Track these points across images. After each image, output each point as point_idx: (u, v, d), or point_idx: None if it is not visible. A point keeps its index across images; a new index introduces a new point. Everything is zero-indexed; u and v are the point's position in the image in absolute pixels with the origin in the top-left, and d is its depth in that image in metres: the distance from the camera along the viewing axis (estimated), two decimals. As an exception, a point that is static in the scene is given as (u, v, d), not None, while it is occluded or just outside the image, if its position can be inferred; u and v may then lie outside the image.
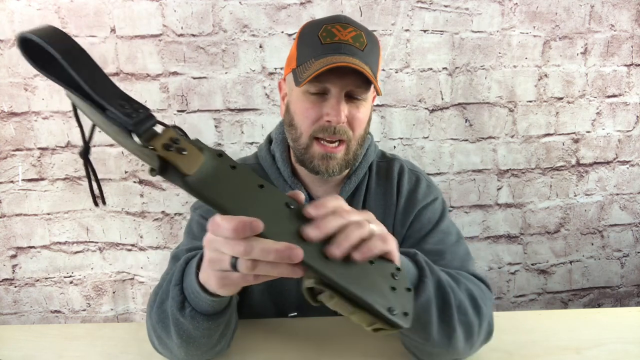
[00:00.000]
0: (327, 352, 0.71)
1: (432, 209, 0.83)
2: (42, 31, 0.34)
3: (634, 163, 1.76)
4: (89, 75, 0.35)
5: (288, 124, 0.78)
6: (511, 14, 1.58)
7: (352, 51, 0.70)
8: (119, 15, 1.46)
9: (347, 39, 0.71)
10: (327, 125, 0.72)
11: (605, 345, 0.72)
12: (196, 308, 0.54)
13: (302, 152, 0.76)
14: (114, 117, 0.35)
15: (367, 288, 0.40)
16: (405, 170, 0.86)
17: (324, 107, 0.72)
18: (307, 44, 0.73)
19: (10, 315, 1.69)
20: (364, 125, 0.76)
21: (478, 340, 0.65)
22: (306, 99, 0.73)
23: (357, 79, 0.70)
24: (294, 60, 0.75)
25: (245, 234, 0.37)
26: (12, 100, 1.50)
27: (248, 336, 0.74)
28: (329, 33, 0.72)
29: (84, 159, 0.41)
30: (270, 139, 0.87)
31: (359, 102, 0.73)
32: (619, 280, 1.87)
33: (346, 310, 0.40)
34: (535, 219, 1.76)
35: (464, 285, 0.65)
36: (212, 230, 0.39)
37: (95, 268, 1.66)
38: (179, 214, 1.62)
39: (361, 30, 0.74)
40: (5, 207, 1.59)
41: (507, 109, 1.65)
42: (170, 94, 1.53)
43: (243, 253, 0.38)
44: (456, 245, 0.78)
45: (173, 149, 0.37)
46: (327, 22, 0.74)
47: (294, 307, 0.82)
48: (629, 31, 1.64)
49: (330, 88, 0.71)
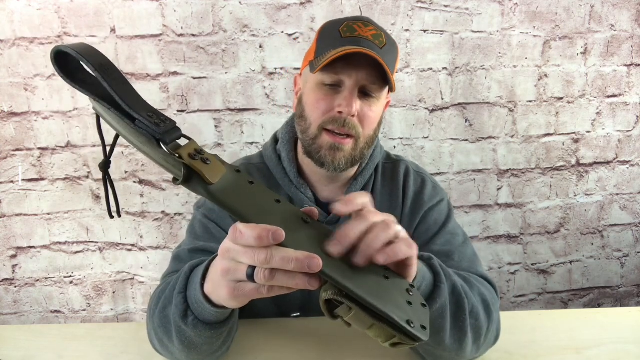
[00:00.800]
0: (328, 352, 0.71)
1: (439, 210, 0.83)
2: (77, 46, 0.37)
3: (634, 163, 1.76)
4: (120, 87, 0.37)
5: (299, 115, 0.78)
6: (511, 14, 1.58)
7: (370, 46, 0.70)
8: (119, 15, 1.46)
9: (367, 35, 0.71)
10: (337, 116, 0.72)
11: (605, 345, 0.72)
12: (199, 317, 0.54)
13: (310, 143, 0.76)
14: (143, 126, 0.37)
15: (386, 300, 0.39)
16: (411, 172, 0.86)
17: (337, 99, 0.72)
18: (327, 38, 0.74)
19: (10, 315, 1.69)
20: (374, 126, 0.76)
21: (485, 343, 0.65)
22: (319, 90, 0.73)
23: (373, 74, 0.70)
24: (312, 53, 0.76)
25: (268, 242, 0.37)
26: (12, 100, 1.50)
27: (249, 336, 0.74)
28: (349, 28, 0.72)
29: (104, 172, 0.43)
30: (277, 138, 0.86)
31: (372, 100, 0.73)
32: (619, 280, 1.87)
33: (364, 324, 0.39)
34: (535, 219, 1.76)
35: (477, 290, 0.65)
36: (235, 238, 0.39)
37: (95, 268, 1.66)
38: (179, 214, 1.62)
39: (381, 31, 0.74)
40: (5, 207, 1.59)
41: (507, 109, 1.65)
42: (170, 94, 1.53)
43: (264, 261, 0.37)
44: (463, 246, 0.78)
45: (198, 159, 0.38)
46: (350, 20, 0.74)
47: (296, 307, 0.82)
48: (629, 31, 1.64)
49: (345, 80, 0.71)
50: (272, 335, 0.75)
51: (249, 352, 0.71)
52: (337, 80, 0.71)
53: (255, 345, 0.72)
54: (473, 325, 0.61)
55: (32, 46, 1.47)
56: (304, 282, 0.38)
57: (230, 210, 0.39)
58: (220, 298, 0.47)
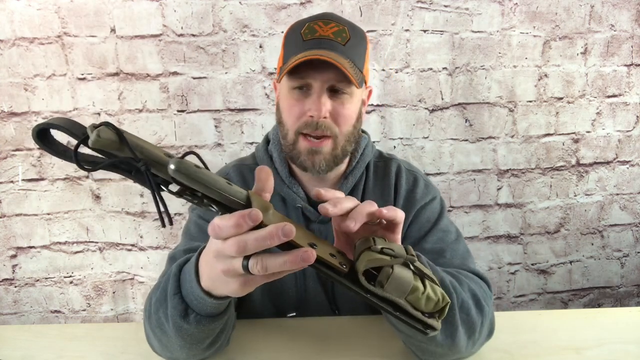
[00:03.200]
0: (326, 352, 0.71)
1: (431, 208, 0.83)
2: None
3: (634, 163, 1.76)
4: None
5: (278, 121, 0.80)
6: (511, 14, 1.58)
7: (332, 46, 0.71)
8: (119, 15, 1.46)
9: (327, 34, 0.72)
10: (309, 120, 0.72)
11: (605, 345, 0.72)
12: (201, 313, 0.54)
13: (290, 149, 0.77)
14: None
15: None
16: (402, 170, 0.86)
17: (306, 103, 0.72)
18: (291, 42, 0.75)
19: (10, 315, 1.69)
20: (351, 121, 0.76)
21: (480, 339, 0.65)
22: (291, 95, 0.74)
23: (338, 73, 0.70)
24: (281, 59, 0.77)
25: (248, 226, 0.37)
26: (12, 100, 1.50)
27: (247, 336, 0.74)
28: (310, 30, 0.73)
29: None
30: (268, 139, 0.87)
31: (343, 96, 0.73)
32: (619, 280, 1.87)
33: (408, 282, 0.42)
34: (535, 219, 1.76)
35: (467, 285, 0.65)
36: (216, 234, 0.39)
37: (95, 268, 1.66)
38: (179, 214, 1.62)
39: (344, 26, 0.74)
40: (5, 207, 1.59)
41: (507, 109, 1.65)
42: (170, 94, 1.53)
43: (243, 248, 0.38)
44: (456, 243, 0.78)
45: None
46: (310, 20, 0.75)
47: (292, 307, 0.83)
48: (629, 31, 1.64)
49: (312, 83, 0.72)
50: (270, 335, 0.75)
51: (247, 352, 0.71)
52: (304, 83, 0.72)
53: (254, 345, 0.72)
54: (464, 320, 0.61)
55: (32, 46, 1.47)
56: (296, 258, 0.37)
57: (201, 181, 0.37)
58: (230, 291, 0.46)
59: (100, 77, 1.50)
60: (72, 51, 1.48)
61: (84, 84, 1.50)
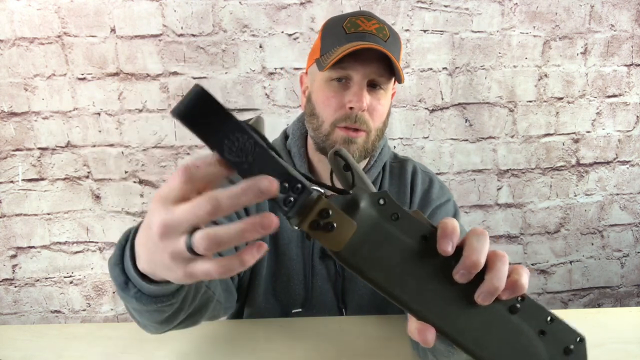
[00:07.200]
0: (327, 352, 0.70)
1: (446, 209, 0.84)
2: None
3: (634, 163, 1.76)
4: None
5: (309, 113, 0.79)
6: (511, 14, 1.58)
7: (375, 40, 0.71)
8: (119, 15, 1.46)
9: (371, 29, 0.72)
10: (349, 112, 0.72)
11: (605, 345, 0.72)
12: (142, 291, 0.44)
13: (323, 140, 0.76)
14: (276, 204, 0.33)
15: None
16: (418, 171, 0.88)
17: (346, 95, 0.72)
18: (331, 35, 0.74)
19: (10, 315, 1.69)
20: (383, 118, 0.77)
21: None
22: (328, 87, 0.74)
23: (380, 67, 0.71)
24: (317, 51, 0.76)
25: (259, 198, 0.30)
26: (12, 100, 1.50)
27: (249, 336, 0.74)
28: (353, 24, 0.73)
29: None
30: (286, 135, 0.87)
31: (380, 92, 0.74)
32: (619, 280, 1.87)
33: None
34: (535, 219, 1.76)
35: None
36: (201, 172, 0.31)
37: (95, 268, 1.66)
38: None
39: (384, 24, 0.75)
40: (5, 207, 1.59)
41: (507, 109, 1.65)
42: (170, 94, 1.53)
43: (214, 209, 0.29)
44: None
45: (321, 226, 0.33)
46: (351, 15, 0.75)
47: (298, 303, 0.82)
48: (629, 31, 1.64)
49: (353, 75, 0.72)
50: (272, 335, 0.75)
51: (248, 352, 0.70)
52: (345, 75, 0.72)
53: (255, 345, 0.72)
54: None
55: (32, 46, 1.47)
56: (253, 225, 0.29)
57: (361, 275, 0.35)
58: (173, 279, 0.36)
59: (100, 77, 1.50)
60: (72, 51, 1.48)
61: (84, 84, 1.50)
